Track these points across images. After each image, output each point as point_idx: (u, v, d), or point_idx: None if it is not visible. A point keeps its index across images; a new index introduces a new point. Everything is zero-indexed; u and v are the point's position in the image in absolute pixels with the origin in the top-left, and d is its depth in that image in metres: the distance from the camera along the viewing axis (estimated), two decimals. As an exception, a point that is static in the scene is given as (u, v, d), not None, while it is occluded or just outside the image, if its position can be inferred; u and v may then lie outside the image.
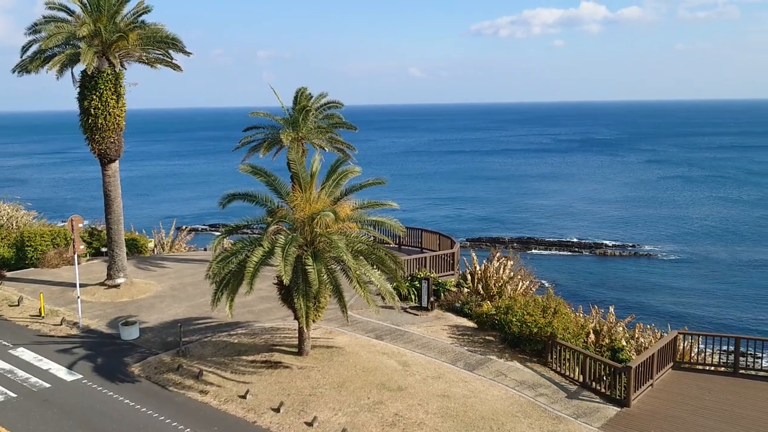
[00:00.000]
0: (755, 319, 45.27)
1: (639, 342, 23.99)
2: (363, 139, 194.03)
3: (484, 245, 64.28)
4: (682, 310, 47.03)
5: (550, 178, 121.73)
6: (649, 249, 67.00)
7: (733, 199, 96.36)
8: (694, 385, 20.26)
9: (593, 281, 55.40)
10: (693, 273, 58.27)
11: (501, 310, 22.90)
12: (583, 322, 23.83)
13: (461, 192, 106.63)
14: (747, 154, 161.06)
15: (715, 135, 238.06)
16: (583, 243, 69.50)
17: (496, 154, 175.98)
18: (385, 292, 19.01)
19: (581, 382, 19.86)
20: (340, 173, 20.50)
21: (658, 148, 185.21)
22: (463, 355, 21.31)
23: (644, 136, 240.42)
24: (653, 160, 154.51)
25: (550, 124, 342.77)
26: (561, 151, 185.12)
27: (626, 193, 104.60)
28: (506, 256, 29.80)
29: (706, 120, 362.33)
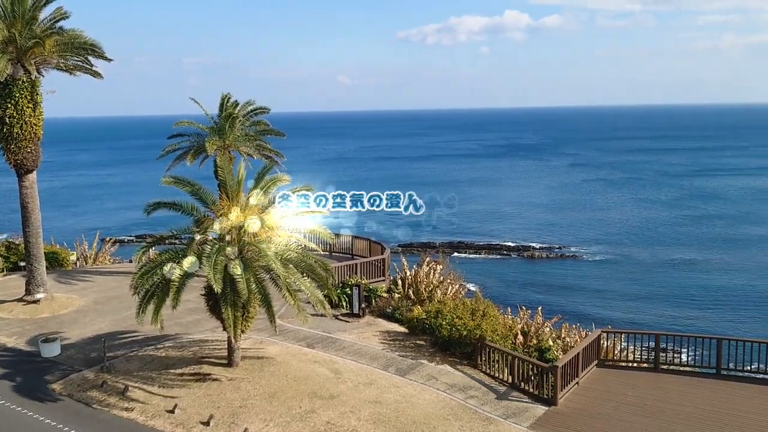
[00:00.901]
0: (674, 316, 47.12)
1: (565, 341, 24.60)
2: (293, 146, 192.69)
3: (415, 250, 64.76)
4: (606, 309, 48.53)
5: (479, 183, 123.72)
6: (574, 250, 68.88)
7: (652, 200, 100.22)
8: (617, 382, 20.91)
9: (521, 283, 56.57)
10: (615, 273, 60.22)
11: (431, 315, 23.11)
12: (512, 324, 24.29)
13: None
14: (663, 157, 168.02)
15: (633, 139, 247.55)
16: (512, 246, 70.91)
17: (425, 160, 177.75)
18: (315, 300, 18.92)
19: (510, 383, 20.23)
20: (268, 181, 20.32)
21: (581, 152, 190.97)
22: (394, 360, 21.40)
23: (568, 140, 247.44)
24: (577, 164, 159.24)
25: (478, 130, 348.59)
26: (488, 156, 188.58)
27: (552, 196, 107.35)
28: (436, 260, 30.10)
29: (624, 124, 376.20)
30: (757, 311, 48.23)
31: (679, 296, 52.22)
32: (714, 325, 43.91)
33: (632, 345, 23.92)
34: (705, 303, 50.39)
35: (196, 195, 19.62)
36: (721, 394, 19.87)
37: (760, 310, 48.35)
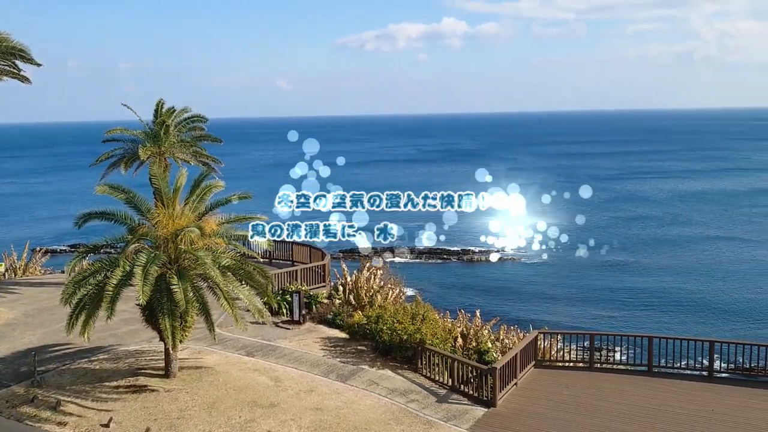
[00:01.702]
0: (608, 317, 48.39)
1: (504, 343, 25.02)
2: (232, 152, 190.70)
3: (356, 256, 64.70)
4: (543, 311, 49.49)
5: (418, 188, 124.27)
6: (512, 253, 69.92)
7: (584, 203, 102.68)
8: (554, 382, 21.38)
9: (461, 287, 57.19)
10: (552, 275, 61.46)
11: (372, 320, 23.19)
12: (451, 327, 24.56)
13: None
14: (595, 161, 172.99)
15: (567, 143, 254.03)
16: (451, 250, 71.59)
17: (365, 166, 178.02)
18: (254, 308, 18.75)
19: (450, 386, 20.45)
20: (205, 188, 20.07)
21: (518, 157, 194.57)
22: (335, 366, 21.37)
23: (505, 145, 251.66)
24: (515, 168, 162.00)
25: (417, 136, 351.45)
26: (428, 161, 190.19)
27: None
28: (376, 265, 30.21)
29: (559, 130, 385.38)
30: (686, 310, 49.94)
31: (613, 297, 53.65)
32: (645, 325, 45.23)
33: (568, 345, 24.50)
34: (637, 303, 51.90)
35: (131, 203, 19.22)
36: (652, 390, 20.53)
37: (688, 309, 50.08)
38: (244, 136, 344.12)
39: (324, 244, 34.50)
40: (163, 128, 29.45)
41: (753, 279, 57.95)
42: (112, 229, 19.30)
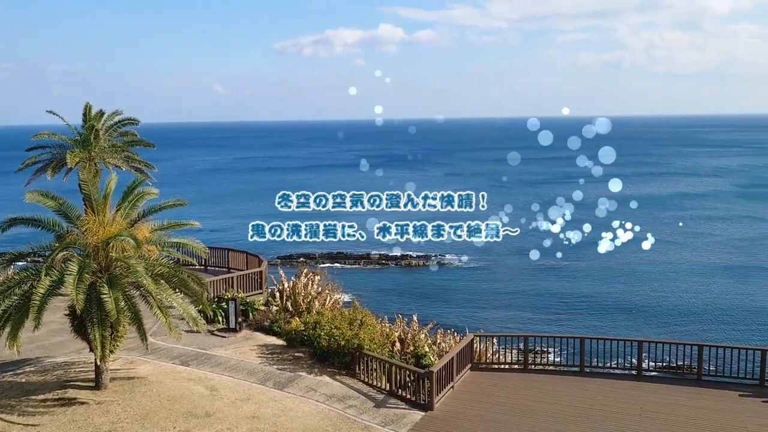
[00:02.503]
0: (542, 319, 49.47)
1: (440, 347, 25.23)
2: (167, 157, 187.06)
3: (295, 262, 64.33)
4: (479, 314, 50.24)
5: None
6: (450, 258, 70.76)
7: (516, 207, 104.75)
8: (490, 384, 21.70)
9: (399, 291, 57.53)
10: (488, 278, 62.48)
11: (309, 326, 23.08)
12: (389, 332, 24.64)
13: (272, 209, 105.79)
14: (527, 166, 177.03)
15: (501, 149, 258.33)
16: (390, 255, 71.87)
17: (304, 171, 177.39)
18: (188, 317, 18.41)
19: (388, 391, 20.52)
20: (137, 194, 19.62)
21: (453, 162, 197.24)
22: (272, 374, 21.18)
23: (441, 151, 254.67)
24: (451, 173, 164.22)
25: (355, 141, 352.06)
26: (366, 166, 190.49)
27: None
28: (314, 271, 30.09)
29: (494, 136, 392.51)
30: (616, 311, 51.46)
31: (546, 300, 54.85)
32: (577, 326, 46.42)
33: (503, 347, 24.90)
34: (569, 305, 53.18)
35: (61, 210, 18.63)
36: (584, 390, 21.06)
37: (618, 311, 51.62)
38: (178, 141, 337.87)
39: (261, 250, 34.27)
40: (93, 132, 28.68)
41: (679, 280, 60.19)
42: (39, 236, 18.67)
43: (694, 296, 54.87)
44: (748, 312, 50.49)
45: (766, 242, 76.41)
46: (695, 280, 60.33)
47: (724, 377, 21.98)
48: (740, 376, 21.60)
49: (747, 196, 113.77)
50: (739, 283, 59.00)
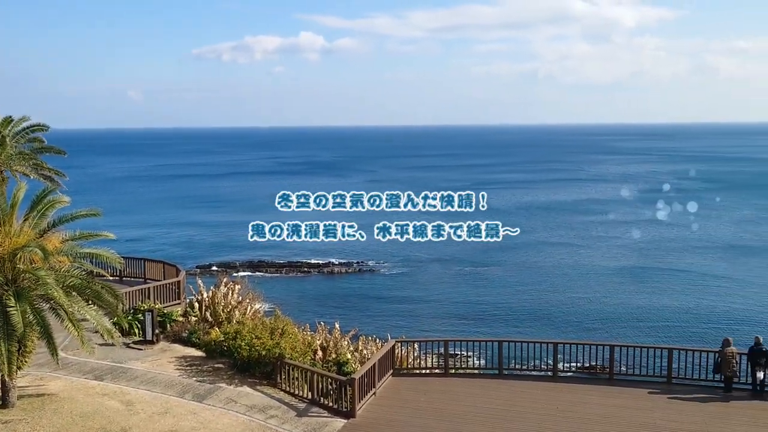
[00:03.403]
0: (461, 322, 50.30)
1: (363, 354, 25.27)
2: (79, 165, 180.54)
3: (215, 271, 63.23)
4: (401, 320, 50.64)
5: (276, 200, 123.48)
6: (372, 264, 71.08)
7: (436, 214, 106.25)
8: (411, 389, 21.88)
9: (321, 299, 57.33)
10: (409, 284, 63.07)
11: (229, 336, 22.73)
12: (310, 340, 24.52)
13: (190, 217, 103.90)
14: (446, 173, 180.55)
15: (421, 156, 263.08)
16: (312, 263, 71.60)
17: (224, 178, 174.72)
18: (102, 329, 17.85)
19: (310, 399, 20.42)
20: (47, 203, 18.91)
21: (375, 169, 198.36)
22: (191, 386, 20.74)
23: (362, 158, 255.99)
24: (374, 180, 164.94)
25: (276, 148, 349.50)
26: (287, 173, 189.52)
27: (349, 212, 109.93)
28: (234, 280, 29.67)
29: (415, 143, 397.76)
30: (532, 314, 52.82)
31: (466, 304, 55.78)
32: (496, 330, 47.39)
33: (424, 352, 25.17)
34: (487, 309, 54.24)
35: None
36: (503, 392, 21.54)
37: (534, 314, 53.00)
38: (92, 148, 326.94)
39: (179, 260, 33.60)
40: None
41: (590, 283, 62.34)
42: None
43: (605, 298, 56.96)
44: (655, 312, 52.78)
45: (668, 245, 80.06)
46: (605, 282, 62.61)
47: (635, 376, 22.92)
48: (649, 375, 22.56)
49: (651, 201, 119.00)
50: (645, 284, 61.59)
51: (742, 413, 19.46)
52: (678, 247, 78.78)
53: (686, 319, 51.05)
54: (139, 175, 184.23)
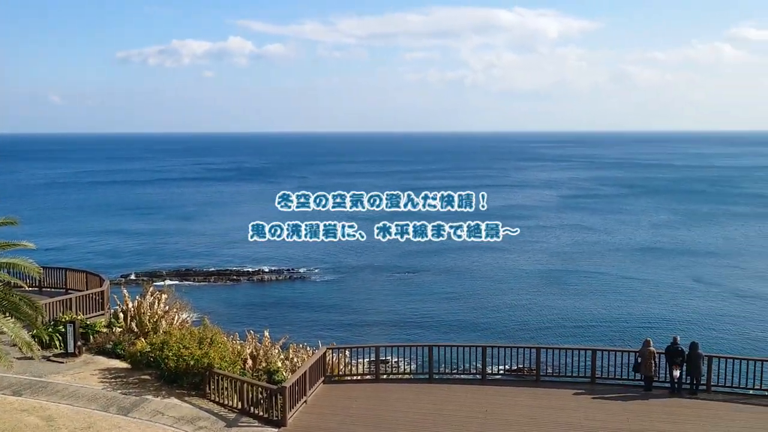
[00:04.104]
0: (392, 328, 50.57)
1: (293, 362, 25.11)
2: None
3: (140, 280, 61.63)
4: (332, 326, 50.54)
5: (208, 207, 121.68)
6: (303, 271, 70.72)
7: (365, 218, 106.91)
8: (343, 396, 21.88)
9: (251, 307, 56.68)
10: (340, 291, 63.04)
11: (156, 347, 22.21)
12: (240, 349, 24.23)
13: (114, 225, 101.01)
14: (372, 180, 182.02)
15: (351, 162, 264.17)
16: (242, 270, 70.70)
17: (150, 185, 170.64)
18: (21, 342, 17.14)
19: (240, 409, 20.15)
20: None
21: (305, 176, 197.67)
22: (116, 399, 20.16)
23: (292, 164, 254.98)
24: (302, 186, 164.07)
25: (204, 154, 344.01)
26: (216, 179, 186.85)
27: (279, 218, 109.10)
28: (161, 290, 28.99)
29: (346, 149, 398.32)
30: (460, 318, 53.57)
31: (396, 310, 56.12)
32: (427, 335, 47.87)
33: (355, 359, 25.20)
34: (417, 314, 54.72)
35: None
36: (433, 396, 21.76)
37: (462, 318, 53.76)
38: (10, 153, 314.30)
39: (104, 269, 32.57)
40: None
41: (516, 287, 63.70)
42: None
43: (531, 301, 58.30)
44: (579, 314, 54.35)
45: (589, 248, 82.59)
46: (530, 286, 64.10)
47: (560, 377, 23.58)
48: (574, 375, 23.24)
49: (573, 206, 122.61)
50: (568, 287, 63.38)
51: (661, 410, 20.27)
52: (599, 250, 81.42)
53: (608, 320, 52.78)
54: (60, 182, 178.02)
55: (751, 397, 21.31)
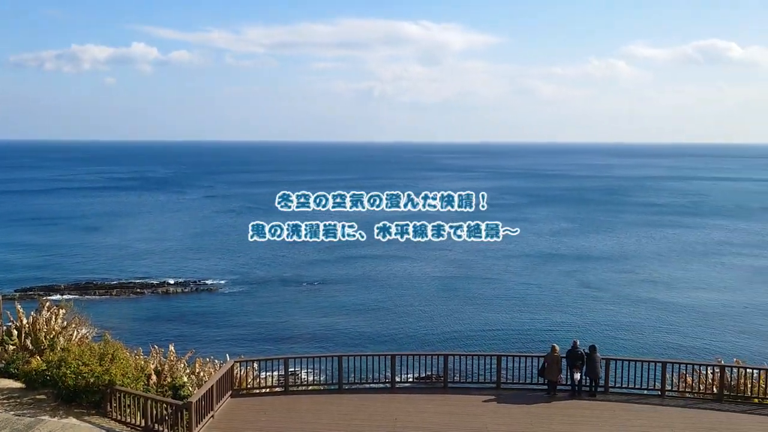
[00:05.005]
0: (302, 339, 50.26)
1: (200, 376, 24.53)
2: None
3: (36, 295, 58.71)
4: (240, 339, 49.73)
5: (109, 218, 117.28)
6: (210, 283, 69.26)
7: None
8: (251, 410, 21.51)
9: (156, 321, 55.05)
10: (249, 302, 62.14)
11: (53, 364, 21.19)
12: (143, 365, 23.45)
13: (6, 237, 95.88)
14: (279, 188, 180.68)
15: (257, 172, 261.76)
16: (146, 283, 68.55)
17: (47, 195, 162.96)
18: None
19: (144, 427, 19.49)
20: None
21: (211, 185, 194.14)
22: (9, 421, 19.11)
23: (198, 174, 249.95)
24: (209, 196, 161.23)
25: (106, 163, 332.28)
26: (118, 189, 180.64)
27: (186, 229, 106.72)
28: (58, 305, 27.71)
29: (253, 159, 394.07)
30: (368, 328, 53.85)
31: (306, 321, 55.78)
32: (336, 345, 47.82)
33: (265, 372, 24.85)
34: (326, 325, 54.54)
35: None
36: (343, 407, 21.71)
37: (370, 327, 54.05)
38: None
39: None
40: None
41: (422, 296, 64.60)
42: None
43: (438, 309, 59.29)
44: (484, 320, 55.68)
45: (492, 256, 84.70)
46: (437, 294, 65.20)
47: (468, 383, 24.02)
48: (481, 381, 23.74)
49: (476, 216, 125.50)
50: (472, 294, 64.89)
51: (563, 413, 21.00)
52: (501, 257, 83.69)
53: (512, 326, 54.33)
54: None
55: (646, 396, 22.41)
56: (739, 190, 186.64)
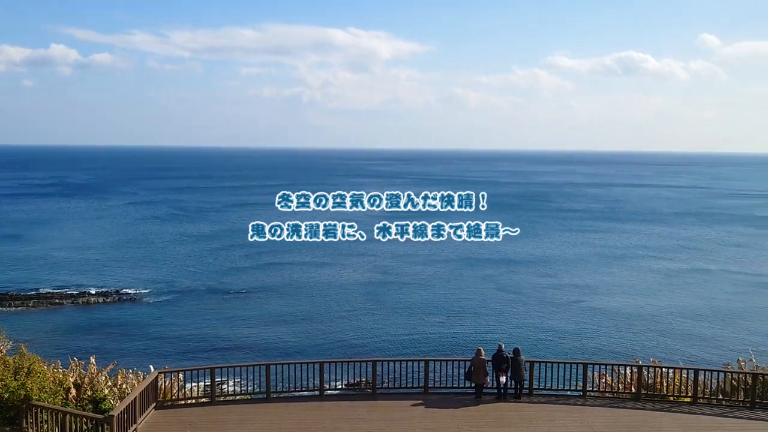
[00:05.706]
0: (227, 348, 49.43)
1: (122, 389, 23.89)
2: None
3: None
4: (165, 350, 48.57)
5: (25, 226, 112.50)
6: (133, 293, 67.38)
7: (197, 235, 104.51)
8: (176, 421, 21.06)
9: (76, 332, 53.13)
10: (173, 311, 60.71)
11: (-36, 381, 20.23)
12: (62, 378, 22.67)
13: None
14: (203, 195, 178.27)
15: (183, 178, 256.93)
16: (64, 293, 66.06)
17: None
18: None
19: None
20: None
21: (134, 191, 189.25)
22: None
23: (122, 179, 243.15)
24: (133, 203, 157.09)
25: (22, 168, 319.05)
26: (36, 196, 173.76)
27: (108, 237, 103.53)
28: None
29: (177, 164, 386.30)
30: (298, 334, 53.45)
31: (232, 330, 54.83)
32: (263, 353, 47.27)
33: (190, 382, 24.38)
34: (253, 333, 53.78)
35: None
36: (270, 416, 21.54)
37: (300, 334, 53.65)
38: None
39: None
40: None
41: (347, 301, 64.55)
42: None
43: (364, 315, 59.32)
44: (411, 325, 56.08)
45: (417, 261, 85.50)
46: (361, 300, 65.15)
47: (396, 388, 24.19)
48: (409, 386, 23.96)
49: (399, 217, 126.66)
50: (398, 300, 65.13)
51: (490, 415, 21.42)
52: (425, 263, 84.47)
53: (438, 330, 54.91)
54: None
55: (568, 397, 23.10)
56: (653, 197, 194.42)
